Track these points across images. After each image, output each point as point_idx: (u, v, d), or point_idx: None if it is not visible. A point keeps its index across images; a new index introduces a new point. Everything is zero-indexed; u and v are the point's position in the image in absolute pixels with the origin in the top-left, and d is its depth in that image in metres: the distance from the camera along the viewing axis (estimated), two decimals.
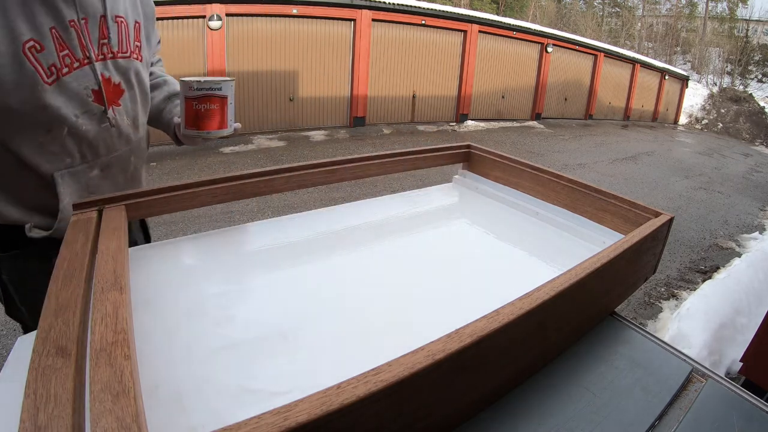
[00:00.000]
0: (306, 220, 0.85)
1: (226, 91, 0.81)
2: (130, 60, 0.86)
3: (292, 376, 0.47)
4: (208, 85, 0.79)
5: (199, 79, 0.78)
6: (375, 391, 0.33)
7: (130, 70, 0.87)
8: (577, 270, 0.53)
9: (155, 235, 1.16)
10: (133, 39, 0.87)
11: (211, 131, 0.82)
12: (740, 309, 3.20)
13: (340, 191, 4.78)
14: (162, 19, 6.74)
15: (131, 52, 0.87)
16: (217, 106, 0.80)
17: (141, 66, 0.91)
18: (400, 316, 0.59)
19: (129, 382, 0.33)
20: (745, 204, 7.00)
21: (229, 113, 0.83)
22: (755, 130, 15.19)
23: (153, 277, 0.63)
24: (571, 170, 7.19)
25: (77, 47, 0.76)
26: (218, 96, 0.80)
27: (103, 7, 0.79)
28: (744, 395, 0.54)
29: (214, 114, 0.81)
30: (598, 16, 26.65)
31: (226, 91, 0.81)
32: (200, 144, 0.83)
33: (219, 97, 0.80)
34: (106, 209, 0.66)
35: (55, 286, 0.45)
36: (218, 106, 0.81)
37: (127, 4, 0.86)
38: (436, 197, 1.02)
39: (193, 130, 0.82)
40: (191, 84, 0.79)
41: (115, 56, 0.83)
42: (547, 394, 0.50)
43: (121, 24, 0.84)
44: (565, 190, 0.86)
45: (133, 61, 0.87)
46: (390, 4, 8.66)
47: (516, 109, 11.54)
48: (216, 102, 0.80)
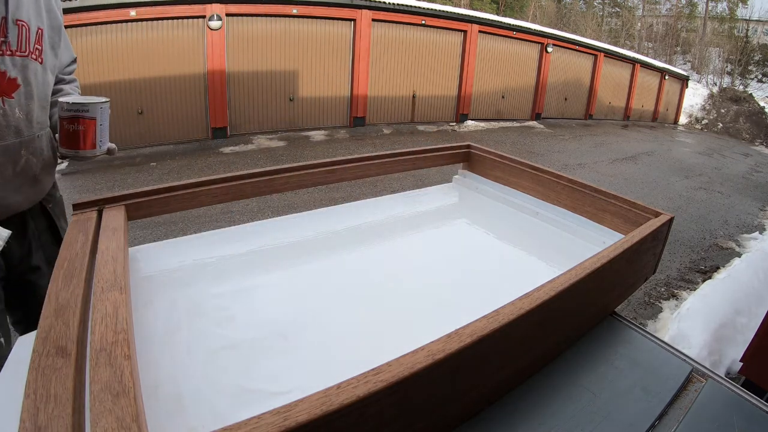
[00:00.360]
0: (306, 220, 0.84)
1: (94, 113, 0.85)
2: (27, 59, 0.90)
3: (292, 376, 0.47)
4: (76, 107, 0.83)
5: (69, 101, 0.83)
6: (375, 391, 0.33)
7: (28, 68, 0.90)
8: (577, 270, 0.53)
9: (155, 234, 1.15)
10: (34, 42, 0.91)
11: (78, 151, 0.86)
12: (740, 309, 3.20)
13: (340, 191, 4.78)
14: (162, 19, 6.74)
15: (30, 52, 0.90)
16: (84, 127, 0.84)
17: (41, 68, 0.94)
18: (400, 315, 0.59)
19: (129, 382, 0.33)
20: (745, 204, 7.00)
21: (98, 134, 0.87)
22: (755, 130, 15.18)
23: (153, 277, 0.63)
24: (571, 170, 7.18)
25: None
26: (86, 117, 0.84)
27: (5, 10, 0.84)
28: (744, 395, 0.54)
29: (82, 134, 0.85)
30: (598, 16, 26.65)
31: (93, 113, 0.85)
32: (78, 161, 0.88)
33: (87, 119, 0.84)
34: (106, 209, 0.66)
35: (55, 286, 0.45)
36: (86, 127, 0.85)
37: (31, 12, 0.90)
38: (436, 197, 1.02)
39: (63, 149, 0.86)
40: (63, 104, 0.84)
41: (13, 54, 0.87)
42: (547, 394, 0.50)
43: (22, 27, 0.88)
44: (565, 190, 0.86)
45: (31, 60, 0.90)
46: (390, 4, 8.66)
47: (516, 109, 11.54)
48: (84, 123, 0.84)
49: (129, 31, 6.54)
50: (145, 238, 3.63)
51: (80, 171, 5.67)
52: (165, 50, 6.87)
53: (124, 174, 5.56)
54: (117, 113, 6.65)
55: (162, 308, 0.56)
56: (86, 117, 0.84)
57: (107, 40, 6.41)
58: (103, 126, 0.87)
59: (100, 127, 0.86)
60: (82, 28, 6.21)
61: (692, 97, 16.82)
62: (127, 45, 6.54)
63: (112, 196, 0.69)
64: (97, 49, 6.32)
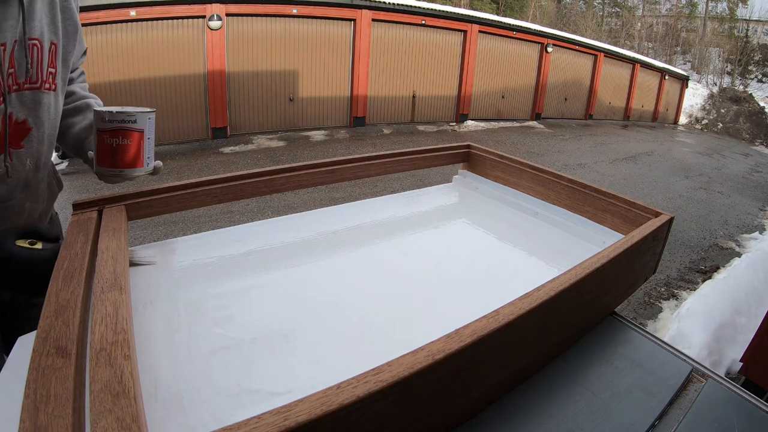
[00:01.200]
0: (306, 220, 0.84)
1: (142, 124, 0.73)
2: (39, 92, 0.75)
3: (292, 376, 0.47)
4: (122, 117, 0.70)
5: (112, 110, 0.70)
6: (375, 391, 0.33)
7: (40, 104, 0.75)
8: (577, 270, 0.53)
9: (155, 234, 1.15)
10: (47, 65, 0.76)
11: (124, 169, 0.73)
12: (740, 309, 3.20)
13: (340, 191, 4.78)
14: (162, 19, 6.74)
15: (42, 81, 0.75)
16: (131, 141, 0.72)
17: (53, 97, 0.79)
18: (400, 316, 0.59)
19: (129, 382, 0.33)
20: (745, 204, 7.00)
21: (146, 149, 0.75)
22: (755, 130, 15.18)
23: (153, 277, 0.63)
24: (571, 170, 7.19)
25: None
26: (133, 129, 0.72)
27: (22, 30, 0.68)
28: (744, 395, 0.54)
29: (128, 150, 0.72)
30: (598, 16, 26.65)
31: (141, 123, 0.73)
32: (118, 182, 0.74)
33: (134, 131, 0.72)
34: (106, 209, 0.66)
35: (55, 286, 0.45)
36: (133, 141, 0.72)
37: (44, 24, 0.74)
38: (436, 197, 1.02)
39: (105, 168, 0.73)
40: (103, 115, 0.70)
41: (21, 87, 0.72)
42: (547, 394, 0.50)
43: (34, 48, 0.72)
44: (565, 190, 0.86)
45: (43, 93, 0.76)
46: (390, 4, 8.66)
47: (516, 109, 11.54)
48: (131, 136, 0.72)
49: (129, 31, 6.54)
50: (145, 238, 3.63)
51: (80, 171, 5.67)
52: (165, 50, 6.88)
53: None
54: None
55: (162, 308, 0.56)
56: (134, 129, 0.71)
57: (107, 40, 6.41)
58: (151, 140, 0.75)
59: (148, 141, 0.74)
60: (82, 28, 6.21)
61: (692, 97, 16.82)
62: (127, 45, 6.55)
63: (112, 196, 0.69)
64: (97, 49, 6.33)
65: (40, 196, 0.84)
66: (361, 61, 8.67)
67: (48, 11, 0.75)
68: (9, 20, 0.66)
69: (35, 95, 0.74)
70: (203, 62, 7.20)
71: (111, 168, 0.72)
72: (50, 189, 0.88)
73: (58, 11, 0.77)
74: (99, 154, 0.72)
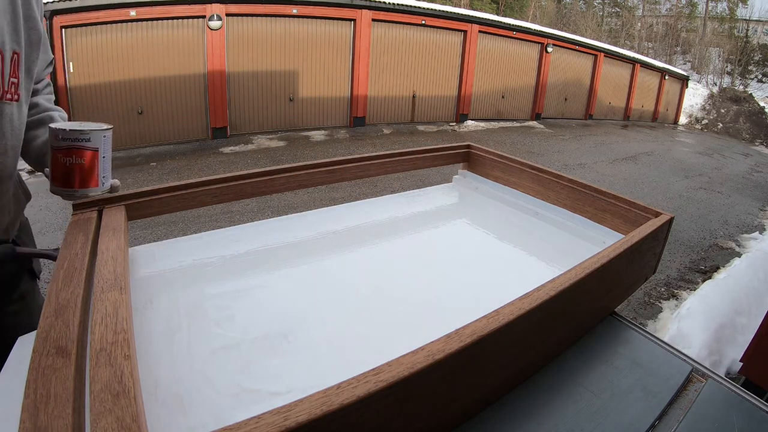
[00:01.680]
0: (306, 220, 0.84)
1: (97, 143, 0.70)
2: (1, 102, 0.73)
3: (292, 376, 0.47)
4: (75, 135, 0.68)
5: (65, 128, 0.67)
6: (375, 391, 0.33)
7: (2, 115, 0.73)
8: (577, 270, 0.53)
9: (155, 234, 1.15)
10: (9, 75, 0.73)
11: (78, 189, 0.70)
12: (740, 309, 3.20)
13: (340, 191, 4.78)
14: (162, 19, 6.74)
15: (4, 92, 0.73)
16: (85, 159, 0.69)
17: (16, 108, 0.76)
18: (400, 315, 0.59)
19: (129, 382, 0.33)
20: (745, 204, 7.00)
21: (101, 168, 0.72)
22: (755, 130, 15.19)
23: (153, 277, 0.63)
24: (571, 170, 7.19)
25: None
26: (87, 148, 0.69)
27: None
28: (744, 395, 0.54)
29: (82, 169, 0.69)
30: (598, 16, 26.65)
31: (96, 142, 0.70)
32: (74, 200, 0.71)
33: (88, 150, 0.69)
34: (106, 209, 0.66)
35: (55, 286, 0.45)
36: (87, 160, 0.69)
37: (5, 32, 0.71)
38: (436, 197, 1.02)
39: (58, 187, 0.70)
40: (57, 132, 0.67)
41: None
42: (547, 394, 0.50)
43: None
44: (565, 190, 0.86)
45: (5, 103, 0.73)
46: (390, 4, 8.66)
47: (516, 109, 11.54)
48: (84, 155, 0.69)
49: (129, 31, 6.54)
50: (145, 238, 3.63)
51: None
52: (165, 50, 6.88)
53: (124, 174, 5.56)
54: (117, 113, 6.66)
55: (162, 308, 0.56)
56: (87, 147, 0.69)
57: (107, 40, 6.41)
58: (106, 158, 0.72)
59: (103, 160, 0.72)
60: (82, 28, 6.21)
61: (692, 97, 16.82)
62: (127, 45, 6.55)
63: (112, 196, 0.69)
64: (97, 49, 6.33)
65: (5, 207, 0.81)
66: (361, 61, 8.67)
67: (10, 20, 0.72)
68: None
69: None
70: (203, 62, 7.20)
71: (64, 188, 0.70)
72: (17, 199, 0.85)
73: (21, 19, 0.74)
74: (53, 173, 0.70)
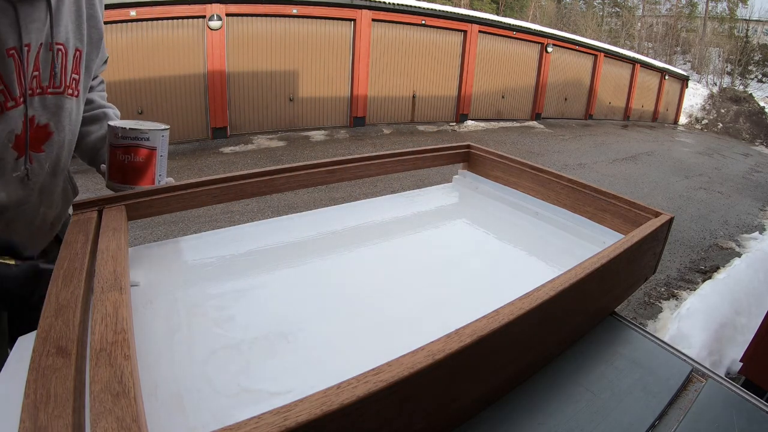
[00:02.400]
0: (306, 220, 0.84)
1: (155, 142, 0.72)
2: (62, 96, 0.73)
3: (292, 376, 0.47)
4: (135, 134, 0.70)
5: (126, 126, 0.69)
6: (375, 391, 0.33)
7: (62, 109, 0.74)
8: (577, 270, 0.53)
9: (155, 234, 1.14)
10: (71, 70, 0.74)
11: (135, 186, 0.72)
12: (740, 309, 3.20)
13: (340, 191, 4.78)
14: (162, 19, 6.74)
15: (66, 86, 0.74)
16: (144, 158, 0.71)
17: (75, 103, 0.78)
18: (400, 316, 0.59)
19: (129, 382, 0.33)
20: (745, 204, 7.00)
21: (158, 166, 0.74)
22: (755, 130, 15.19)
23: (153, 277, 0.63)
24: (571, 170, 7.19)
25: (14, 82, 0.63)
26: (146, 147, 0.71)
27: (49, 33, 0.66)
28: (744, 395, 0.54)
29: (140, 167, 0.72)
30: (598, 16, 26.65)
31: (154, 141, 0.72)
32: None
33: (147, 149, 0.71)
34: (106, 209, 0.66)
35: (55, 286, 0.45)
36: (146, 159, 0.71)
37: (70, 29, 0.73)
38: (436, 197, 1.02)
39: (116, 183, 0.72)
40: (117, 130, 0.69)
41: (44, 91, 0.70)
42: (547, 394, 0.50)
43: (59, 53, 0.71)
44: (565, 190, 0.86)
45: (65, 98, 0.74)
46: (390, 4, 8.66)
47: (516, 109, 11.54)
48: (143, 153, 0.71)
49: (129, 31, 6.55)
50: (145, 238, 3.63)
51: (80, 171, 5.66)
52: (165, 50, 6.88)
53: None
54: None
55: (162, 308, 0.56)
56: (146, 146, 0.71)
57: (107, 40, 6.38)
58: (164, 157, 0.74)
59: (161, 159, 0.73)
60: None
61: (692, 97, 16.83)
62: (127, 45, 6.55)
63: (112, 196, 0.69)
64: None
65: (55, 202, 0.83)
66: (361, 61, 8.67)
67: (74, 18, 0.74)
68: (35, 22, 0.65)
69: (58, 100, 0.73)
70: (203, 62, 7.21)
71: (122, 184, 0.72)
72: (65, 195, 0.87)
73: (84, 18, 0.77)
74: (111, 169, 0.72)
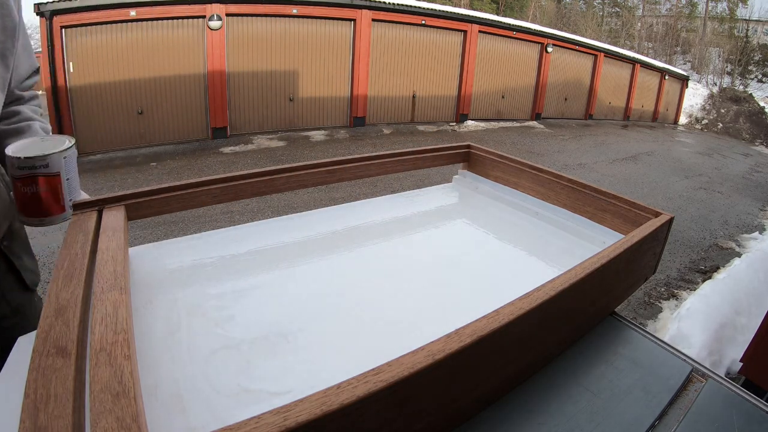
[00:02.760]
0: (306, 220, 0.84)
1: (57, 166, 0.63)
2: None
3: (292, 376, 0.47)
4: (31, 163, 0.61)
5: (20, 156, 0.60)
6: (375, 391, 0.33)
7: None
8: (577, 270, 0.53)
9: (155, 234, 1.14)
10: None
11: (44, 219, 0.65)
12: (740, 309, 3.20)
13: (340, 191, 4.78)
14: (162, 19, 6.74)
15: None
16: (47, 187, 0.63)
17: None
18: (400, 316, 0.59)
19: (129, 382, 0.33)
20: (745, 204, 7.00)
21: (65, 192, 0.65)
22: (755, 130, 15.19)
23: (153, 277, 0.63)
24: (571, 170, 7.19)
25: None
26: (48, 174, 0.62)
27: None
28: (744, 395, 0.54)
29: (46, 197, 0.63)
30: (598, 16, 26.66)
31: (56, 166, 0.62)
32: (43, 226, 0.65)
33: (49, 176, 0.62)
34: (106, 209, 0.66)
35: (55, 286, 0.45)
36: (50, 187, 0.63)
37: None
38: (436, 197, 1.02)
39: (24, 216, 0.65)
40: (13, 161, 0.61)
41: None
42: (547, 394, 0.50)
43: None
44: (565, 190, 0.86)
45: None
46: (390, 4, 8.66)
47: (516, 109, 11.54)
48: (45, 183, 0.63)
49: (129, 31, 6.55)
50: (145, 238, 3.63)
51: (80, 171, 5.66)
52: (165, 50, 6.88)
53: (124, 174, 5.56)
54: (117, 113, 6.66)
55: (162, 308, 0.56)
56: (48, 174, 0.62)
57: (107, 40, 6.41)
58: (71, 179, 0.66)
59: (68, 182, 0.65)
60: (82, 28, 6.21)
61: (692, 97, 16.83)
62: (127, 45, 6.55)
63: (112, 196, 0.69)
64: (97, 49, 6.33)
65: None
66: (361, 61, 8.67)
67: None
68: None
69: None
70: (203, 62, 7.21)
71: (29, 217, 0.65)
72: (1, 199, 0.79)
73: None
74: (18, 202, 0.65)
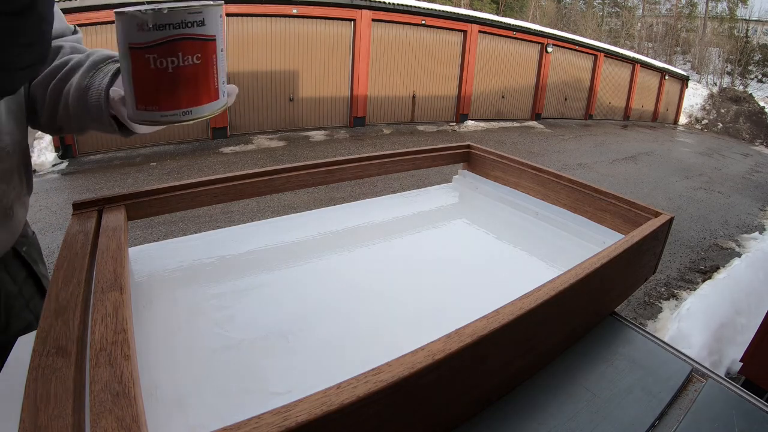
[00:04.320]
0: (306, 220, 0.84)
1: (213, 27, 0.42)
2: None
3: (292, 376, 0.47)
4: (179, 17, 0.39)
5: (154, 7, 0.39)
6: (375, 391, 0.33)
7: None
8: (577, 270, 0.53)
9: (155, 234, 1.14)
10: None
11: (191, 108, 0.43)
12: (740, 309, 3.20)
13: (340, 191, 4.78)
14: None
15: None
16: (199, 57, 0.41)
17: None
18: (400, 315, 0.59)
19: (129, 382, 0.33)
20: (745, 204, 7.00)
21: (220, 71, 0.44)
22: (755, 130, 15.19)
23: (153, 277, 0.63)
24: (571, 170, 7.19)
25: None
26: (200, 37, 0.41)
27: None
28: (744, 395, 0.54)
29: (193, 75, 0.42)
30: (598, 16, 26.66)
31: (212, 27, 0.41)
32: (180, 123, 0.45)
33: (202, 39, 0.41)
34: (106, 209, 0.66)
35: (55, 286, 0.45)
36: (202, 58, 0.42)
37: None
38: (436, 197, 1.02)
39: (155, 110, 0.42)
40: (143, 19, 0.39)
41: None
42: (547, 394, 0.50)
43: None
44: (565, 190, 0.86)
45: None
46: (390, 4, 8.66)
47: (516, 109, 11.54)
48: (197, 49, 0.41)
49: None
50: (145, 238, 3.63)
51: (80, 171, 5.67)
52: None
53: (124, 174, 5.56)
54: None
55: (162, 308, 0.56)
56: (201, 36, 0.41)
57: (107, 40, 6.41)
58: (223, 52, 0.44)
59: (221, 55, 0.44)
60: (82, 28, 6.20)
61: (692, 97, 16.83)
62: None
63: (112, 196, 0.69)
64: None
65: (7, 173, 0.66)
66: (361, 61, 8.67)
67: None
68: None
69: None
70: None
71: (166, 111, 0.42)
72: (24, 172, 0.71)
73: None
74: (138, 89, 0.42)
